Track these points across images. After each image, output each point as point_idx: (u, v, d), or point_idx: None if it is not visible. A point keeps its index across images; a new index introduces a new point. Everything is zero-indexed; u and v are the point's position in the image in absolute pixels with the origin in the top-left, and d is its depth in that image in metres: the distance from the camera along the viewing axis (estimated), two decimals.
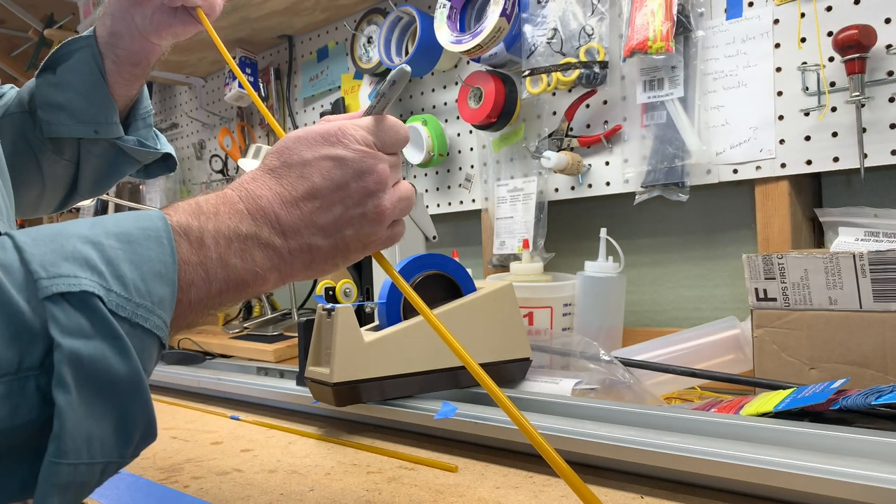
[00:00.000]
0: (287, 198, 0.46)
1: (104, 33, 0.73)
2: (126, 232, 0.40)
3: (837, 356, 0.76)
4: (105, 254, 0.38)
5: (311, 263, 0.47)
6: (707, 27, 1.01)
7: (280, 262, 0.46)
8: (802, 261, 0.77)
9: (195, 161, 2.03)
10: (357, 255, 0.50)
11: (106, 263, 0.38)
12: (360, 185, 0.48)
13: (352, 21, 1.51)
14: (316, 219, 0.47)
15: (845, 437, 0.52)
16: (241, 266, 0.44)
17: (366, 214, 0.49)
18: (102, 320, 0.37)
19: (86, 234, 0.39)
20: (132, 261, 0.39)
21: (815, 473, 0.47)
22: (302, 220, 0.46)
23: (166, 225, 0.42)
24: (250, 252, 0.44)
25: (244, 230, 0.44)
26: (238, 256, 0.44)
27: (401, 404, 0.76)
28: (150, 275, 0.39)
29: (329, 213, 0.47)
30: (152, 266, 0.40)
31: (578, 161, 1.12)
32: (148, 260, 0.40)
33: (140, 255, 0.39)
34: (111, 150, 0.79)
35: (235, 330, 1.61)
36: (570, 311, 1.06)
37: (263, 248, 0.45)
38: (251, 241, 0.45)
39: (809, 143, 0.92)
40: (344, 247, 0.48)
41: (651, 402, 0.78)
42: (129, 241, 0.40)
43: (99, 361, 0.36)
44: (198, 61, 1.83)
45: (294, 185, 0.47)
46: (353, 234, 0.48)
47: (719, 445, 0.53)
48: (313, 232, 0.47)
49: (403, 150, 1.35)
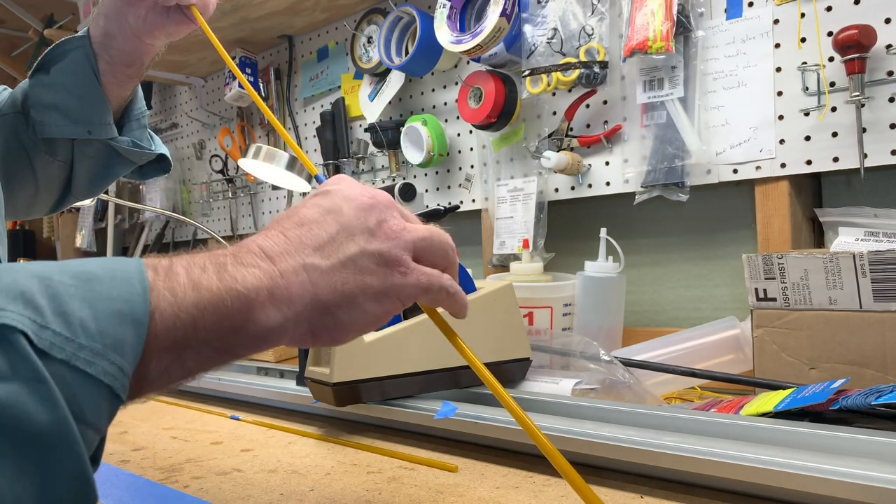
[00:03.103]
0: (269, 233, 0.43)
1: (98, 34, 0.73)
2: (88, 271, 0.36)
3: (837, 356, 0.76)
4: (51, 288, 0.34)
5: (316, 288, 0.41)
6: (707, 27, 1.01)
7: (273, 283, 0.40)
8: (802, 261, 0.77)
9: (195, 161, 2.03)
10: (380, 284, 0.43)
11: (49, 298, 0.34)
12: (354, 205, 0.44)
13: (352, 21, 1.51)
14: (306, 239, 0.42)
15: (845, 437, 0.52)
16: (216, 286, 0.38)
17: (371, 231, 0.44)
18: (23, 360, 0.32)
19: (36, 270, 0.35)
20: (85, 297, 0.34)
21: (815, 473, 0.47)
22: (289, 243, 0.42)
23: (139, 265, 0.37)
24: (230, 272, 0.39)
25: (220, 259, 0.40)
26: (215, 276, 0.39)
27: (401, 404, 0.76)
28: (106, 314, 0.34)
29: (322, 230, 0.43)
30: (111, 304, 0.35)
31: (578, 161, 1.12)
32: (107, 297, 0.35)
33: (97, 293, 0.35)
34: (105, 150, 0.78)
35: None
36: (570, 311, 1.06)
37: (246, 267, 0.40)
38: (230, 264, 0.40)
39: (809, 143, 0.92)
40: (354, 269, 0.43)
41: (651, 402, 0.78)
42: (87, 279, 0.35)
43: (11, 408, 0.31)
44: (198, 61, 1.83)
45: (279, 224, 0.44)
46: (361, 252, 0.43)
47: (719, 445, 0.53)
48: (306, 252, 0.42)
49: (404, 150, 1.36)
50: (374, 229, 0.44)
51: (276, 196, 1.79)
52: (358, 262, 0.43)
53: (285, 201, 1.56)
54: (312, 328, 0.42)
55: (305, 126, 1.70)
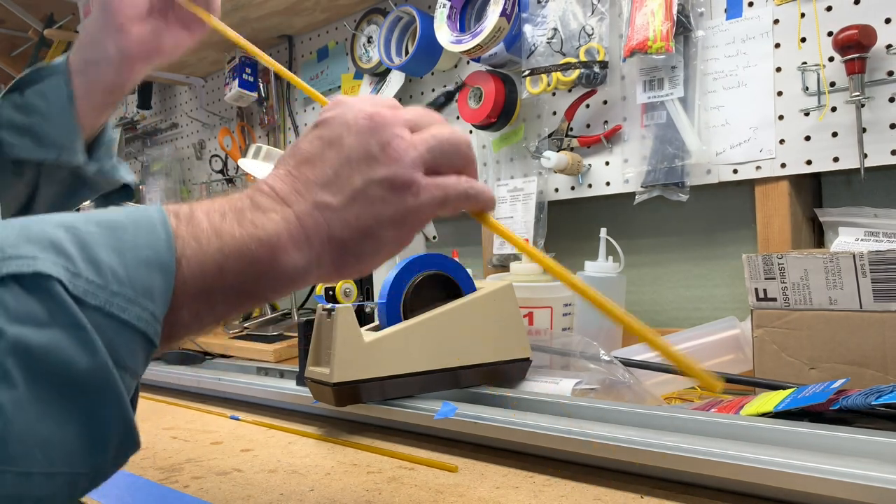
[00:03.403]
0: (278, 173, 0.43)
1: (78, 60, 0.72)
2: (112, 219, 0.36)
3: (837, 356, 0.76)
4: (79, 237, 0.34)
5: (332, 226, 0.41)
6: (707, 27, 1.01)
7: (290, 227, 0.40)
8: (802, 261, 0.77)
9: (195, 161, 2.03)
10: (394, 211, 0.43)
11: (79, 247, 0.34)
12: (354, 131, 0.43)
13: (352, 21, 1.51)
14: (313, 177, 0.42)
15: (845, 437, 0.52)
16: (238, 232, 0.39)
17: (373, 156, 0.42)
18: (61, 307, 0.32)
19: (62, 220, 0.35)
20: (113, 246, 0.35)
21: (815, 473, 0.47)
22: (297, 182, 0.42)
23: (161, 213, 0.38)
24: (249, 218, 0.40)
25: (238, 204, 0.41)
26: (235, 223, 0.39)
27: (401, 404, 0.76)
28: (134, 261, 0.35)
29: (326, 165, 0.43)
30: (138, 252, 0.35)
31: (578, 161, 1.12)
32: (133, 246, 0.35)
33: (124, 241, 0.35)
34: (71, 176, 0.77)
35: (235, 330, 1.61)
36: (570, 311, 1.06)
37: (264, 212, 0.40)
38: (248, 210, 0.40)
39: (809, 143, 0.92)
40: (366, 201, 0.42)
41: (651, 402, 0.78)
42: (112, 227, 0.36)
43: (53, 354, 0.32)
44: (198, 61, 1.83)
45: (284, 163, 0.44)
46: (368, 182, 0.42)
47: (719, 445, 0.53)
48: (315, 191, 0.42)
49: None
50: (378, 154, 0.43)
51: None
52: (367, 192, 0.42)
53: None
54: (336, 264, 0.42)
55: (305, 126, 1.69)
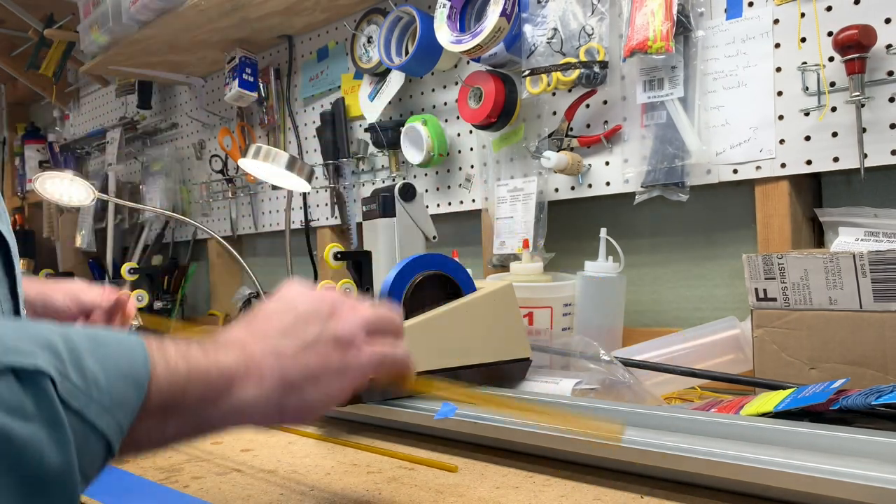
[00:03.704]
0: (239, 327, 0.49)
1: None
2: (98, 334, 0.40)
3: (837, 356, 0.76)
4: (70, 343, 0.37)
5: (283, 369, 0.46)
6: (707, 27, 1.01)
7: (248, 363, 0.45)
8: (802, 261, 0.77)
9: (195, 161, 2.03)
10: (339, 363, 0.48)
11: (69, 351, 0.36)
12: (309, 298, 0.51)
13: (352, 21, 1.51)
14: (271, 329, 0.48)
15: (845, 437, 0.52)
16: (202, 361, 0.43)
17: (326, 317, 0.49)
18: (49, 404, 0.34)
19: (57, 328, 0.38)
20: (98, 356, 0.38)
21: (815, 473, 0.47)
22: (257, 333, 0.48)
23: (138, 338, 0.41)
24: (212, 352, 0.44)
25: (202, 343, 0.45)
26: (200, 353, 0.43)
27: (401, 404, 0.76)
28: (114, 372, 0.38)
29: (284, 320, 0.49)
30: (118, 365, 0.38)
31: (578, 161, 1.12)
32: (115, 359, 0.38)
33: (107, 354, 0.38)
34: None
35: None
36: (570, 311, 1.06)
37: (225, 350, 0.45)
38: (211, 347, 0.45)
39: (809, 143, 0.92)
40: (315, 352, 0.48)
41: (651, 402, 0.78)
42: (98, 340, 0.39)
43: (31, 447, 0.33)
44: (198, 61, 1.83)
45: (245, 321, 0.50)
46: (319, 336, 0.48)
47: (719, 445, 0.53)
48: (273, 338, 0.47)
49: (404, 150, 1.36)
50: (329, 315, 0.49)
51: (277, 196, 1.79)
52: (318, 344, 0.48)
53: (285, 201, 1.56)
54: (281, 406, 0.46)
55: (305, 126, 1.70)
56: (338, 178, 1.57)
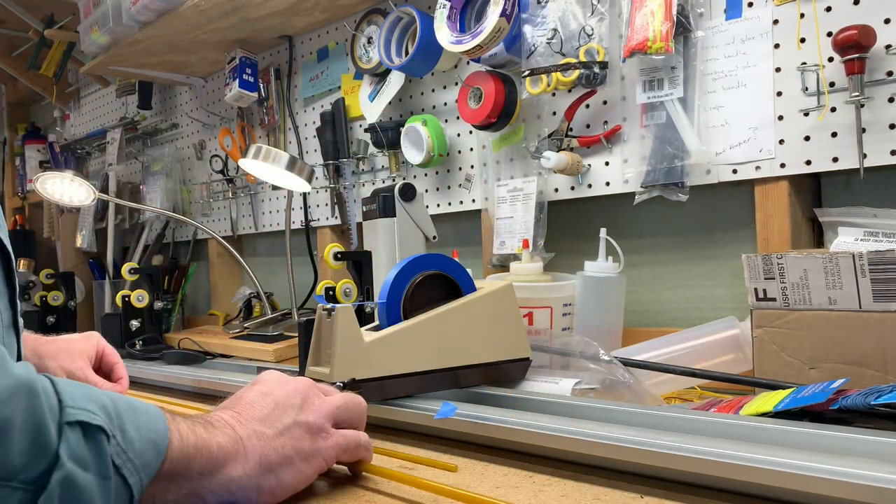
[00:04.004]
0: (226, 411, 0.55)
1: None
2: (133, 403, 0.47)
3: (837, 356, 0.76)
4: (116, 406, 0.44)
5: (263, 449, 0.53)
6: (707, 27, 1.01)
7: (237, 443, 0.51)
8: (802, 261, 0.77)
9: (195, 161, 2.03)
10: (309, 448, 0.56)
11: (116, 415, 0.44)
12: (284, 389, 0.59)
13: (352, 21, 1.51)
14: (252, 414, 0.55)
15: (845, 437, 0.52)
16: (206, 436, 0.50)
17: (299, 406, 0.57)
18: (102, 458, 0.41)
19: (104, 392, 0.45)
20: (134, 422, 0.45)
21: (814, 473, 0.47)
22: (241, 417, 0.54)
23: (158, 409, 0.49)
24: (211, 431, 0.51)
25: (201, 421, 0.52)
26: (203, 430, 0.50)
27: (401, 404, 0.76)
28: (145, 439, 0.45)
29: (263, 407, 0.56)
30: (149, 433, 0.45)
31: (578, 161, 1.13)
32: (145, 427, 0.45)
33: (140, 421, 0.45)
34: None
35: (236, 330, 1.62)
36: (570, 311, 1.06)
37: (219, 429, 0.52)
38: (209, 425, 0.52)
39: (809, 143, 0.92)
40: (290, 436, 0.55)
41: (651, 402, 0.78)
42: (133, 409, 0.46)
43: (85, 493, 0.40)
44: (198, 61, 1.83)
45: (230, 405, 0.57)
46: (293, 423, 0.56)
47: (719, 445, 0.53)
48: (254, 423, 0.54)
49: (404, 150, 1.36)
50: (301, 405, 0.58)
51: (277, 196, 1.79)
52: (292, 430, 0.56)
53: (285, 201, 1.56)
54: (259, 485, 0.52)
55: (305, 126, 1.70)
56: (338, 178, 1.57)
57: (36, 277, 2.01)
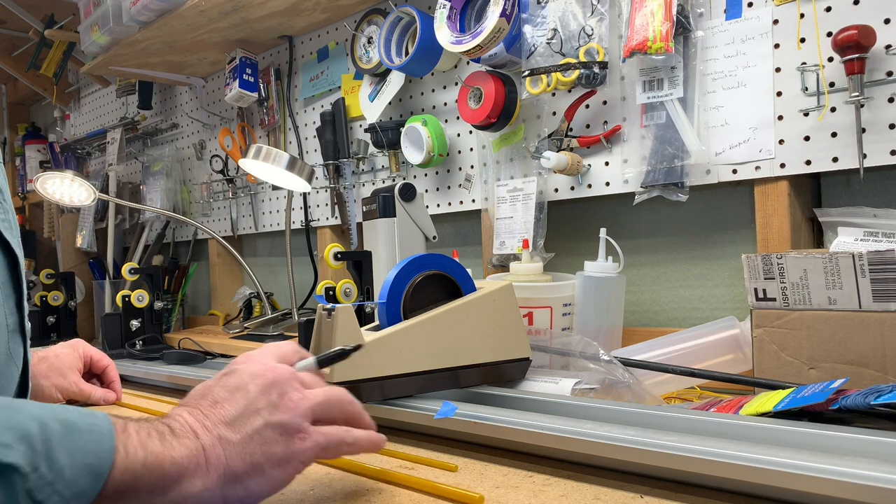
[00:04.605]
0: (191, 410, 0.50)
1: None
2: (72, 420, 0.42)
3: (837, 356, 0.76)
4: (46, 433, 0.40)
5: (228, 459, 0.48)
6: (706, 27, 1.01)
7: (197, 455, 0.47)
8: (802, 261, 0.77)
9: (195, 161, 2.03)
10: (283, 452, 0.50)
11: (44, 442, 0.40)
12: (258, 382, 0.52)
13: (352, 21, 1.51)
14: (219, 416, 0.50)
15: (845, 437, 0.52)
16: (159, 450, 0.45)
17: (274, 404, 0.51)
18: (15, 499, 0.38)
19: (37, 413, 0.41)
20: (68, 446, 0.41)
21: (814, 473, 0.47)
22: (206, 420, 0.49)
23: (108, 422, 0.44)
24: (168, 441, 0.46)
25: (159, 427, 0.47)
26: (157, 441, 0.45)
27: (401, 404, 0.76)
28: (80, 465, 0.41)
29: (232, 408, 0.50)
30: (85, 457, 0.41)
31: (578, 161, 1.13)
32: (82, 449, 0.41)
33: (77, 444, 0.41)
34: None
35: (236, 330, 1.62)
36: (570, 311, 1.06)
37: (178, 438, 0.47)
38: (167, 434, 0.47)
39: (809, 143, 0.92)
40: (260, 440, 0.49)
41: (651, 401, 0.78)
42: (71, 429, 0.42)
43: None
44: (198, 61, 1.83)
45: (196, 401, 0.52)
46: (265, 425, 0.50)
47: (719, 445, 0.53)
48: (220, 428, 0.49)
49: (404, 150, 1.36)
50: (276, 402, 0.51)
51: (277, 196, 1.79)
52: (263, 433, 0.50)
53: (285, 201, 1.56)
54: (224, 497, 0.48)
55: (305, 126, 1.70)
56: (338, 178, 1.57)
57: (36, 277, 2.02)
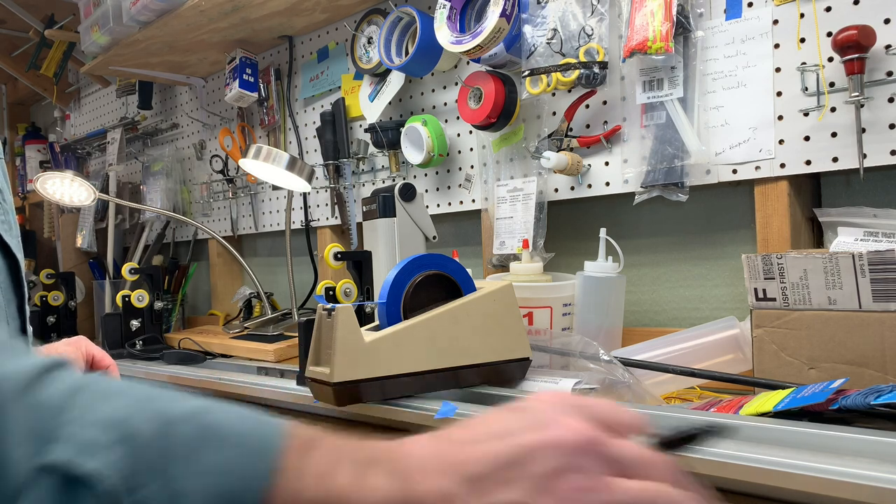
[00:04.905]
0: (438, 434, 0.35)
1: None
2: (218, 425, 0.30)
3: (836, 356, 0.76)
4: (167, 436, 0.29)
5: None
6: (706, 27, 1.01)
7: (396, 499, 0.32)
8: (802, 261, 0.77)
9: (195, 161, 2.03)
10: None
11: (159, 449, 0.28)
12: (546, 435, 0.34)
13: (352, 21, 1.51)
14: (462, 459, 0.33)
15: (845, 437, 0.52)
16: (347, 488, 0.32)
17: (546, 479, 0.32)
18: None
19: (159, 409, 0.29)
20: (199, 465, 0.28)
21: (814, 473, 0.47)
22: (443, 457, 0.33)
23: (276, 432, 0.31)
24: (364, 473, 0.33)
25: (367, 453, 0.34)
26: (349, 475, 0.32)
27: (401, 404, 0.76)
28: (213, 495, 0.28)
29: (487, 455, 0.33)
30: (225, 478, 0.29)
31: (578, 161, 1.13)
32: (222, 471, 0.29)
33: (212, 463, 0.29)
34: None
35: (236, 330, 1.62)
36: (570, 311, 1.06)
37: (387, 474, 0.33)
38: (372, 464, 0.33)
39: (809, 143, 0.92)
40: None
41: (651, 401, 0.78)
42: (212, 437, 0.30)
43: None
44: (198, 62, 1.83)
45: (456, 429, 0.36)
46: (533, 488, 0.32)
47: (720, 445, 0.53)
48: (454, 477, 0.32)
49: (404, 150, 1.36)
50: (551, 480, 0.32)
51: (277, 196, 1.79)
52: None
53: (285, 201, 1.56)
54: None
55: (306, 126, 1.70)
56: (338, 178, 1.57)
57: (36, 277, 2.02)
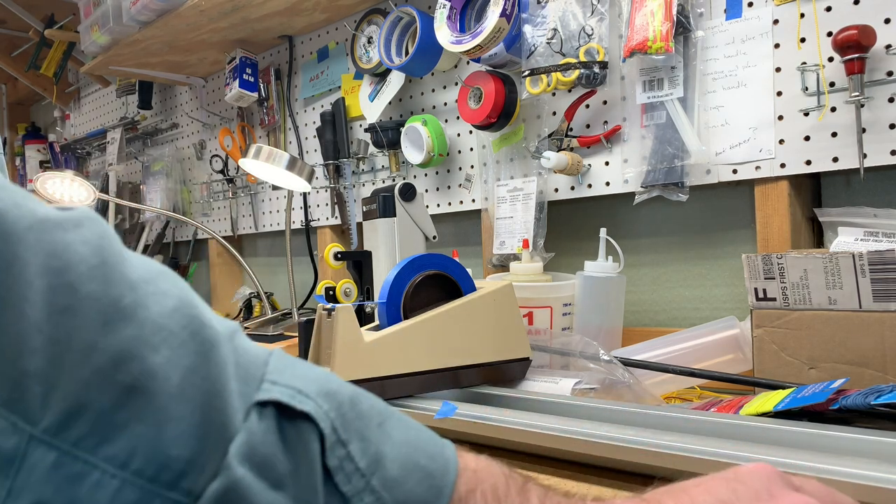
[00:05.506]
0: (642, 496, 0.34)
1: None
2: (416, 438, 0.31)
3: (837, 356, 0.76)
4: (372, 410, 0.30)
5: None
6: (707, 27, 1.01)
7: None
8: (802, 261, 0.77)
9: (195, 161, 2.03)
10: None
11: (364, 420, 0.28)
12: None
13: (352, 21, 1.51)
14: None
15: (845, 437, 0.52)
16: None
17: None
18: (310, 467, 0.25)
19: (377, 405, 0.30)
20: (405, 443, 0.30)
21: (815, 473, 0.47)
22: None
23: (454, 463, 0.31)
24: None
25: (538, 493, 0.32)
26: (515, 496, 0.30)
27: (401, 404, 0.76)
28: (414, 470, 0.29)
29: None
30: (419, 462, 0.30)
31: (578, 161, 1.13)
32: (423, 458, 0.30)
33: (416, 448, 0.30)
34: None
35: None
36: (570, 310, 1.06)
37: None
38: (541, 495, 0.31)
39: (809, 143, 0.92)
40: None
41: (651, 401, 0.78)
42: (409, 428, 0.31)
43: None
44: (198, 61, 1.83)
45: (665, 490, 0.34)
46: None
47: (719, 445, 0.53)
48: None
49: (404, 150, 1.36)
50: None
51: (277, 196, 1.79)
52: None
53: (285, 201, 1.56)
54: None
55: (306, 126, 1.70)
56: (338, 178, 1.57)
57: None
